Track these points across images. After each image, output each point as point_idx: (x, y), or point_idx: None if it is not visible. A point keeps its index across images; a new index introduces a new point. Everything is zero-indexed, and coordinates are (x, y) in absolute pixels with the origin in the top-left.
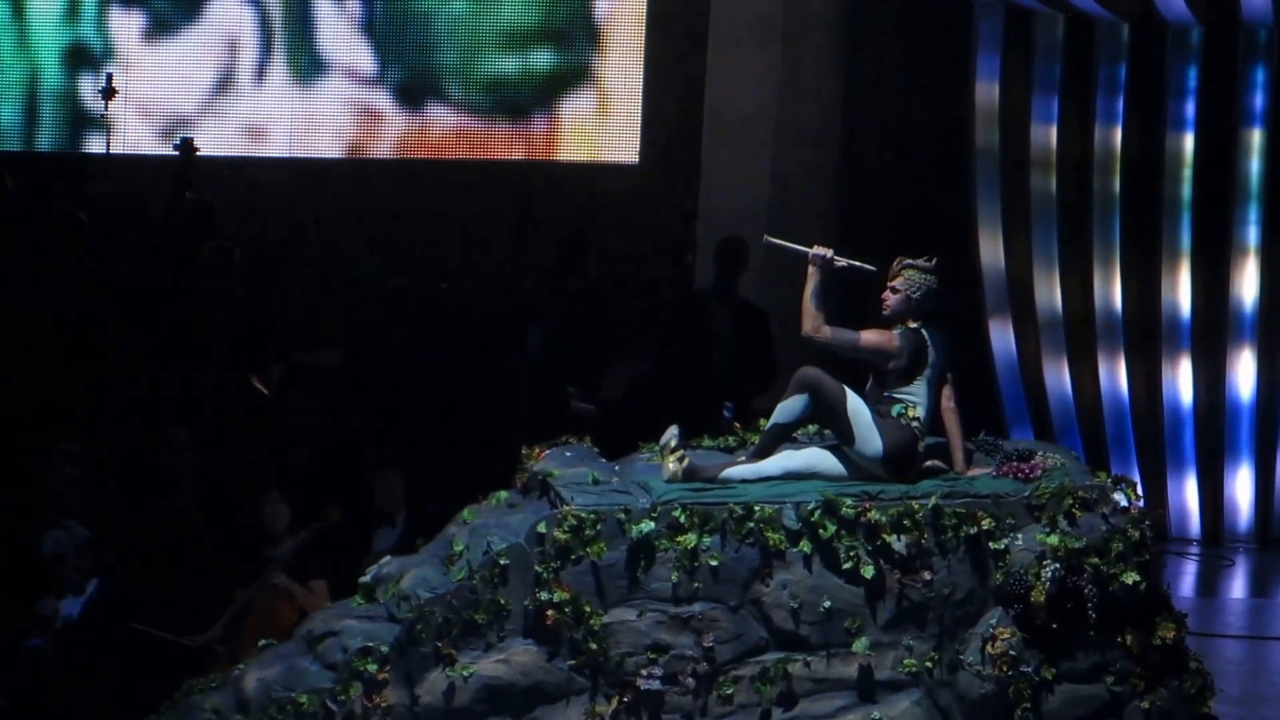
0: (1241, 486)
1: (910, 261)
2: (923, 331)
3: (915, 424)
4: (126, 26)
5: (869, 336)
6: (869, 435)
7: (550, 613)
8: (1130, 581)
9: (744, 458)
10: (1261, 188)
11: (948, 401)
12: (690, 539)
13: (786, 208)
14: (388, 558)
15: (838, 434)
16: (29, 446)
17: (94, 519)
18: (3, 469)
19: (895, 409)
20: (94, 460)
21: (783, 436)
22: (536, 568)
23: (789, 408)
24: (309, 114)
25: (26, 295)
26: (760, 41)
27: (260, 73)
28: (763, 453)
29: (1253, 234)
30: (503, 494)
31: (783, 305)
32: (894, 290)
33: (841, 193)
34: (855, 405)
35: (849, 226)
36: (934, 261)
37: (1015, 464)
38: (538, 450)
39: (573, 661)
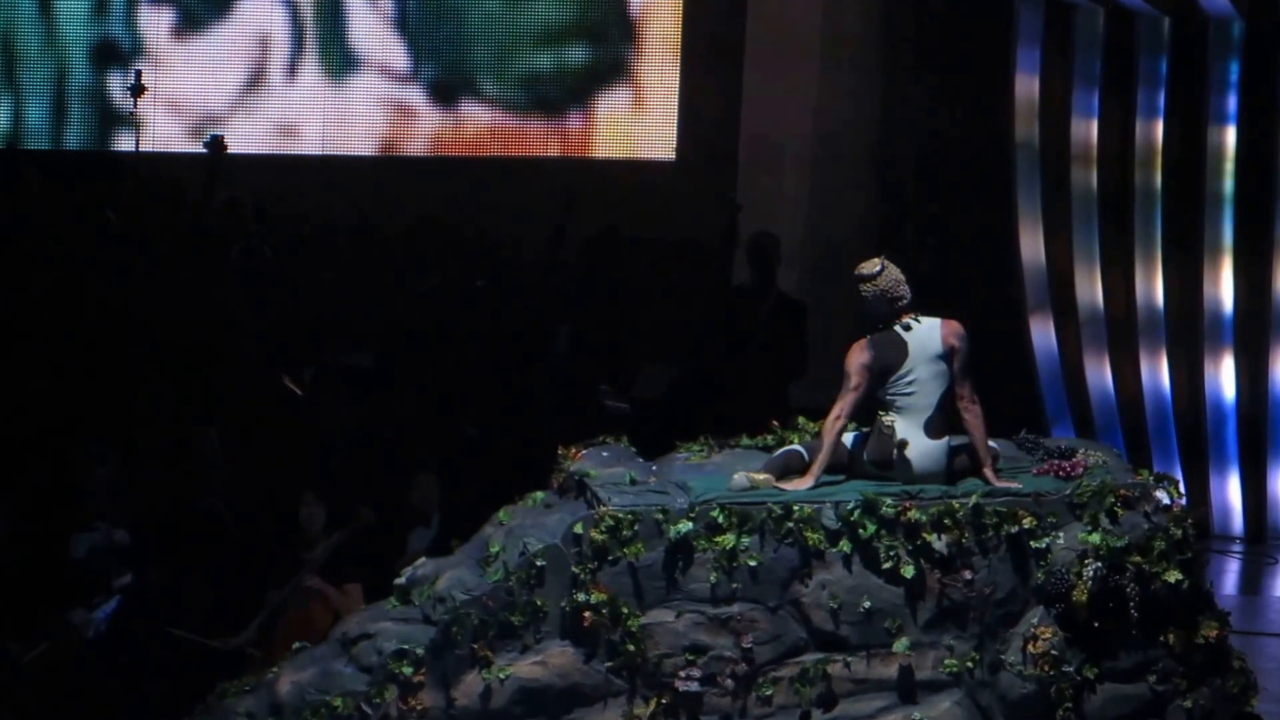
0: None
1: (856, 272)
2: (896, 330)
3: (887, 429)
4: (156, 23)
5: (846, 365)
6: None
7: (587, 614)
8: (1173, 580)
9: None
10: None
11: (965, 402)
12: (729, 539)
13: (825, 203)
14: (423, 559)
15: None
16: (57, 447)
17: (124, 520)
18: (31, 470)
19: (881, 415)
20: (123, 461)
21: None
22: (573, 569)
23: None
24: (341, 111)
25: (55, 294)
26: (798, 36)
27: (292, 69)
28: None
29: None
30: (539, 494)
31: (820, 297)
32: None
33: (880, 188)
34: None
35: (887, 221)
36: (874, 262)
37: (1057, 462)
38: (574, 450)
39: (610, 663)
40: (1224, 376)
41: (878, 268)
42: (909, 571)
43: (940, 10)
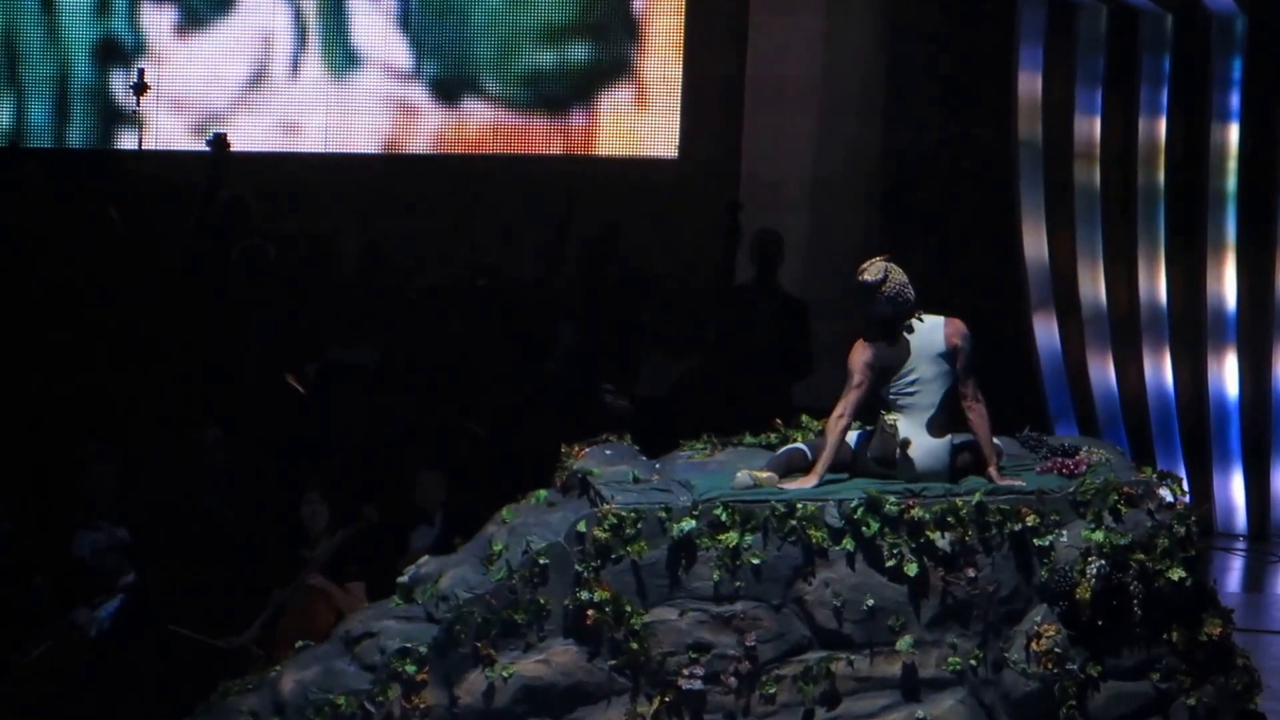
0: None
1: (859, 278)
2: (900, 332)
3: (890, 428)
4: (158, 20)
5: (849, 363)
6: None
7: (591, 612)
8: (1176, 578)
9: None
10: None
11: (969, 401)
12: (732, 537)
13: (827, 201)
14: (426, 557)
15: None
16: (59, 446)
17: (127, 519)
18: (34, 469)
19: (884, 414)
20: (126, 460)
21: None
22: (576, 567)
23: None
24: (344, 109)
25: (58, 293)
26: (800, 35)
27: (295, 67)
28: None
29: None
30: (542, 493)
31: (822, 296)
32: None
33: (883, 184)
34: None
35: (890, 220)
36: (877, 267)
37: (1060, 459)
38: (578, 448)
39: (613, 661)
40: (1227, 374)
41: (881, 274)
42: (912, 569)
43: (944, 8)
